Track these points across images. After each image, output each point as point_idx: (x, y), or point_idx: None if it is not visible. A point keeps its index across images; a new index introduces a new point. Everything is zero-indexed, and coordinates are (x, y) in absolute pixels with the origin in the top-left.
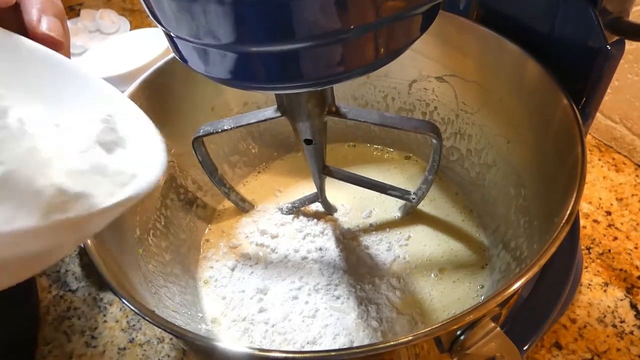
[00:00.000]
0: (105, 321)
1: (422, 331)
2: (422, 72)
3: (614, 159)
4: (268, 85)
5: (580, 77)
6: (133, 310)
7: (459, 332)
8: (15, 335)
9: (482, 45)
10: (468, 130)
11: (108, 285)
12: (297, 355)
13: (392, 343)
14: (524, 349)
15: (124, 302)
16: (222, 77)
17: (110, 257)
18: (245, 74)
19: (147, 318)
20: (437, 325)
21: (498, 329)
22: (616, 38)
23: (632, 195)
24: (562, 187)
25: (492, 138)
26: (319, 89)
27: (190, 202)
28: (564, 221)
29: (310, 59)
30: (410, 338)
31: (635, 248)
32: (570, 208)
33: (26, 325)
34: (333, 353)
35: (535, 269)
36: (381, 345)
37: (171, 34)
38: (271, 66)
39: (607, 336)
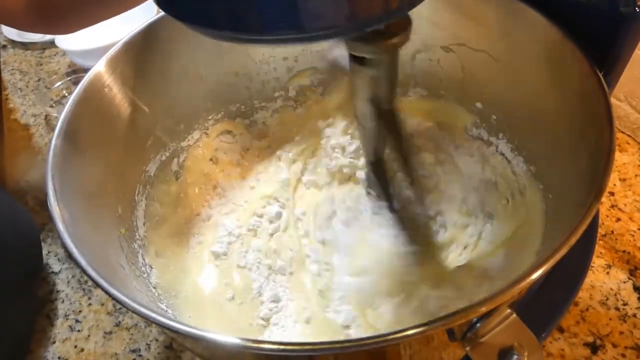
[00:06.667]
0: (90, 304)
1: (435, 321)
2: (428, 41)
3: (617, 138)
4: (267, 37)
5: (601, 45)
6: (113, 297)
7: (474, 320)
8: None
9: (497, 11)
10: None
11: (83, 270)
12: (295, 347)
13: (399, 335)
14: (542, 336)
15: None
16: (220, 30)
17: (86, 238)
18: (243, 23)
19: (127, 307)
20: (451, 313)
21: (514, 315)
22: None
23: (636, 175)
24: (584, 161)
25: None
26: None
27: (176, 176)
28: (593, 197)
29: (316, 5)
30: (422, 329)
31: (639, 229)
32: (601, 183)
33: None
34: (337, 345)
35: (564, 250)
36: (390, 337)
37: None
38: (270, 12)
39: (610, 319)
